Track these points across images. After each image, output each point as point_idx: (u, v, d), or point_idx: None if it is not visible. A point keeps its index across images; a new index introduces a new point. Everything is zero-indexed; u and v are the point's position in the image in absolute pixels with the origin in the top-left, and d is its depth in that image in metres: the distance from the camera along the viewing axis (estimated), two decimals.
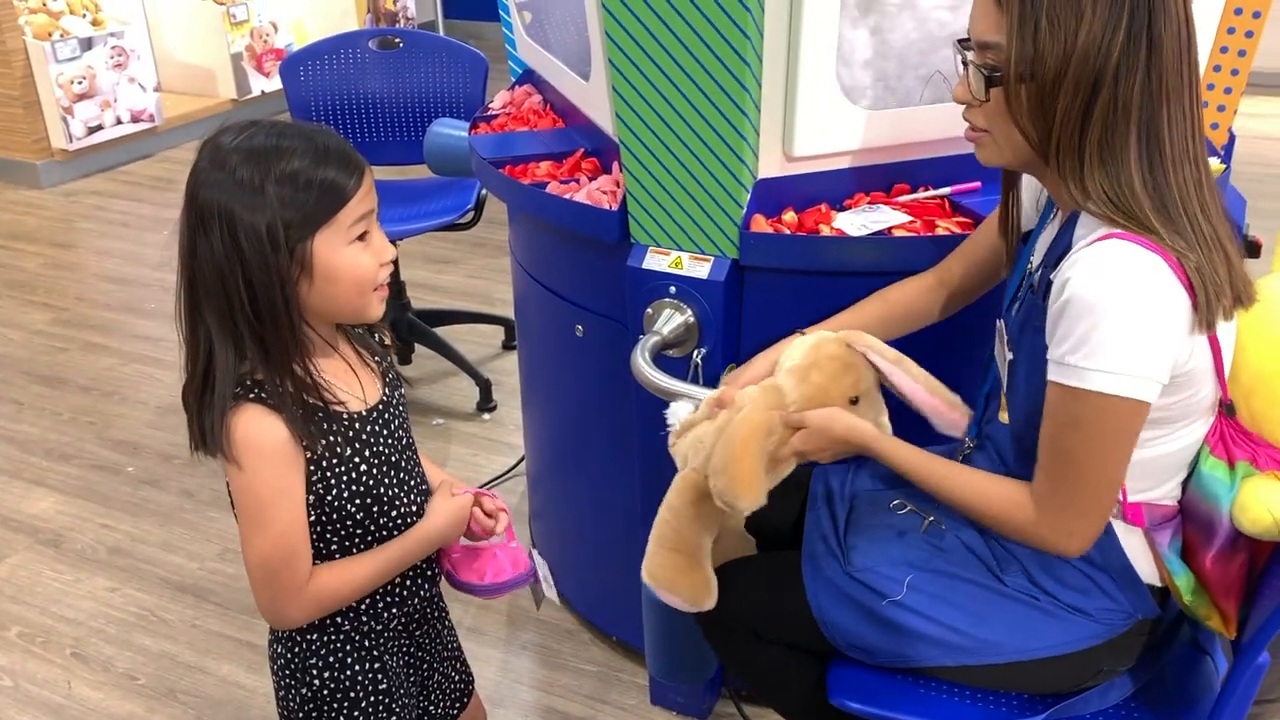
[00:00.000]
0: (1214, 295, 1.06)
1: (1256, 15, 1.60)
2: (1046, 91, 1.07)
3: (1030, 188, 1.31)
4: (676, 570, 1.33)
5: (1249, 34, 1.62)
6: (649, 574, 1.35)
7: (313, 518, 1.13)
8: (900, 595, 1.26)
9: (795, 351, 1.33)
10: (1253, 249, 1.70)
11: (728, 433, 1.26)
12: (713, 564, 1.37)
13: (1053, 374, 1.09)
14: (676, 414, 1.38)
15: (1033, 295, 1.18)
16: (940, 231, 1.48)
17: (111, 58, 4.49)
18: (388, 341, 1.26)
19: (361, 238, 1.08)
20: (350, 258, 1.07)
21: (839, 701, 1.30)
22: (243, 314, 1.04)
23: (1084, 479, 1.11)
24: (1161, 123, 1.07)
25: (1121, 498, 1.18)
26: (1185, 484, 1.20)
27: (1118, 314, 1.04)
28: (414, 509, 1.22)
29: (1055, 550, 1.17)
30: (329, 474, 1.12)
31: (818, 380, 1.29)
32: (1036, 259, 1.23)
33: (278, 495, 1.08)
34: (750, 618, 1.37)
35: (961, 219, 1.51)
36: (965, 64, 1.15)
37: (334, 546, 1.16)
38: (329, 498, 1.13)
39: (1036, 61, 1.07)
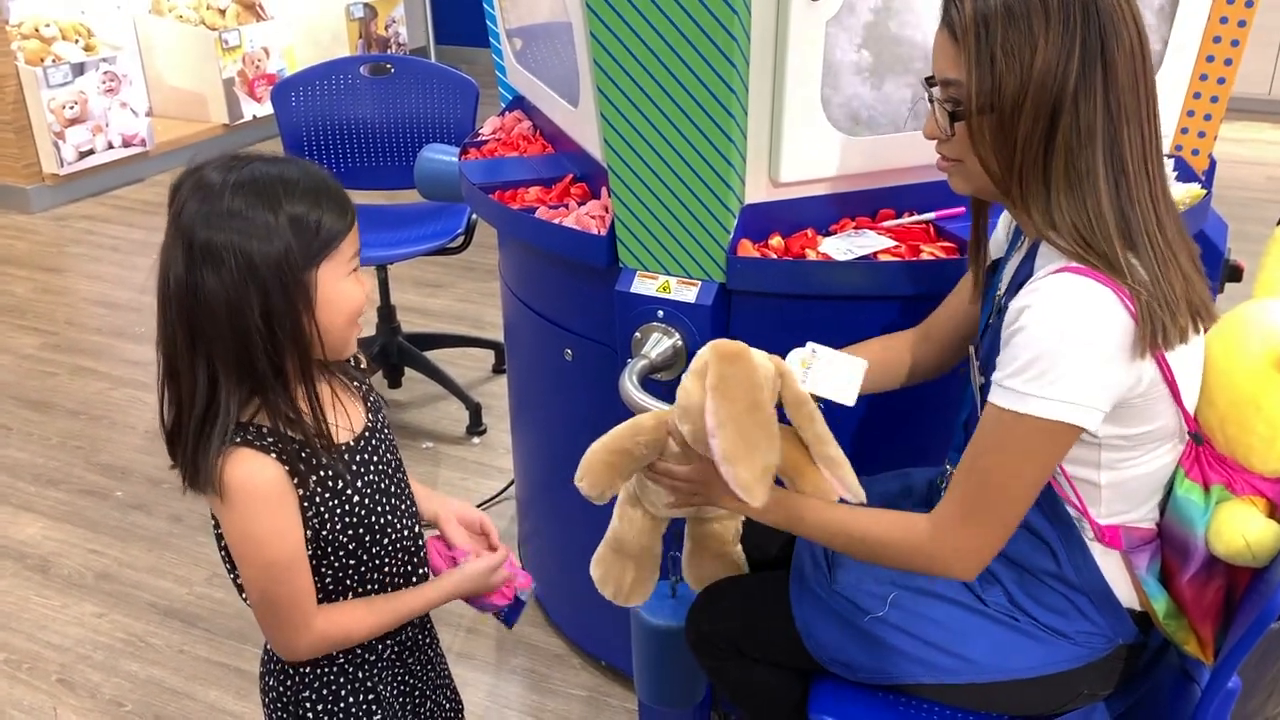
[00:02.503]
0: (1168, 318, 1.07)
1: (1235, 44, 1.63)
2: (1006, 121, 1.09)
3: (1005, 216, 1.32)
4: (602, 558, 1.42)
5: (1228, 61, 1.65)
6: (592, 561, 1.43)
7: (308, 552, 1.13)
8: (882, 612, 1.27)
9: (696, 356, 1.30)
10: (1234, 273, 1.72)
11: (603, 436, 1.32)
12: (699, 586, 1.42)
13: (992, 396, 1.10)
14: None
15: (999, 321, 1.20)
16: (925, 256, 1.49)
17: (103, 83, 4.50)
18: (365, 365, 1.26)
19: (354, 271, 1.11)
20: (348, 288, 1.10)
21: (819, 717, 1.31)
22: (262, 345, 1.04)
23: (988, 498, 1.11)
24: (1123, 143, 1.08)
25: (1094, 519, 1.19)
26: (1164, 507, 1.21)
27: (1062, 344, 1.05)
28: (405, 533, 1.22)
29: (943, 571, 1.16)
30: (323, 509, 1.12)
31: (688, 385, 1.25)
32: (1003, 287, 1.25)
33: (274, 535, 1.08)
34: (736, 635, 1.38)
35: (946, 244, 1.53)
36: (931, 100, 1.17)
37: (327, 578, 1.16)
38: (324, 532, 1.13)
39: (994, 93, 1.08)
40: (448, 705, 1.38)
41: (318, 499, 1.11)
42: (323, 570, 1.15)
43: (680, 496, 1.31)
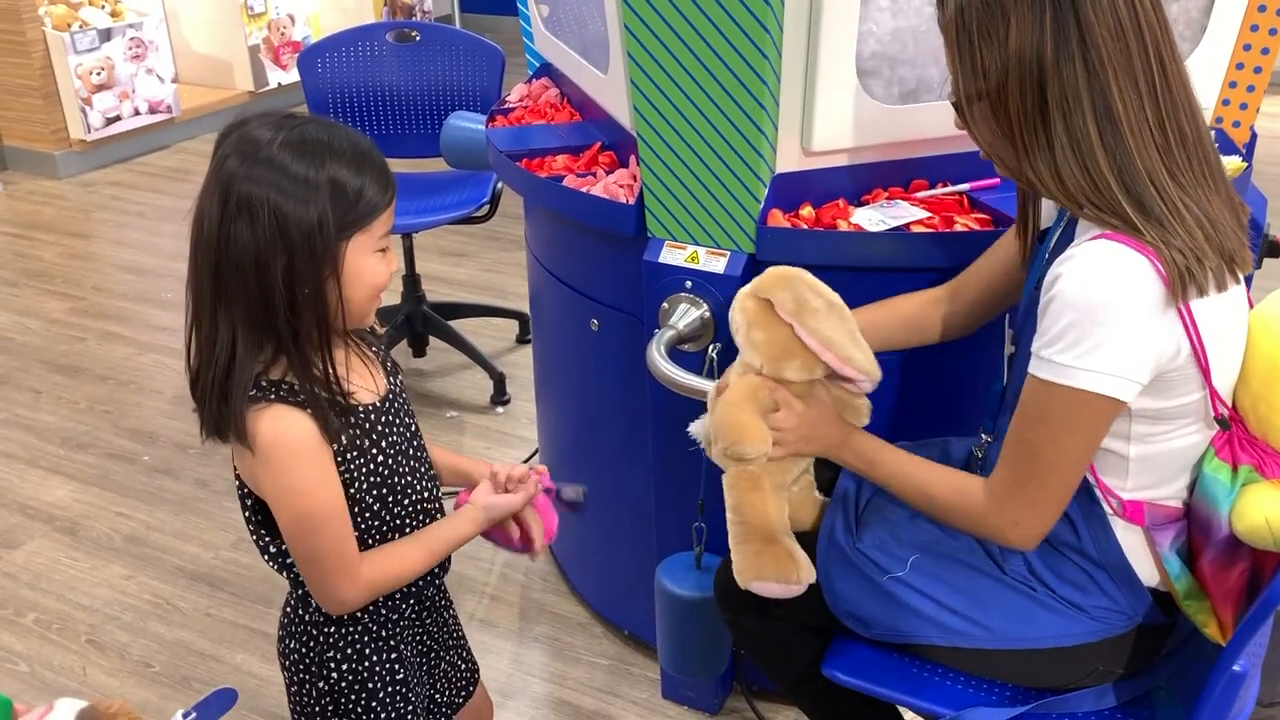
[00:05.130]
0: (1194, 263, 1.05)
1: None
2: (996, 102, 1.11)
3: None
4: (756, 558, 1.31)
5: (1273, 31, 1.61)
6: (740, 578, 1.31)
7: None
8: (902, 572, 1.28)
9: (742, 308, 1.32)
10: (1274, 249, 1.69)
11: (719, 406, 1.30)
12: (795, 533, 1.36)
13: (1032, 367, 1.11)
14: (698, 431, 1.38)
15: (1035, 291, 1.19)
16: (959, 228, 1.47)
17: (130, 49, 4.51)
18: (379, 331, 1.28)
19: (383, 250, 1.12)
20: (373, 264, 1.11)
21: (830, 672, 1.32)
22: (283, 304, 1.05)
23: (1040, 471, 1.13)
24: (1112, 97, 1.07)
25: (1119, 493, 1.18)
26: (1194, 486, 1.20)
27: (1098, 313, 1.05)
28: (425, 495, 1.23)
29: (1001, 540, 1.19)
30: (351, 466, 1.13)
31: (759, 336, 1.28)
32: (1048, 256, 1.23)
33: (316, 487, 1.09)
34: None
35: (980, 215, 1.51)
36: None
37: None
38: (351, 490, 1.14)
39: (981, 78, 1.11)
40: (463, 666, 1.39)
41: (348, 457, 1.13)
42: None
43: (800, 445, 1.30)
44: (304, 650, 1.22)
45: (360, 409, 1.14)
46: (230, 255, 1.04)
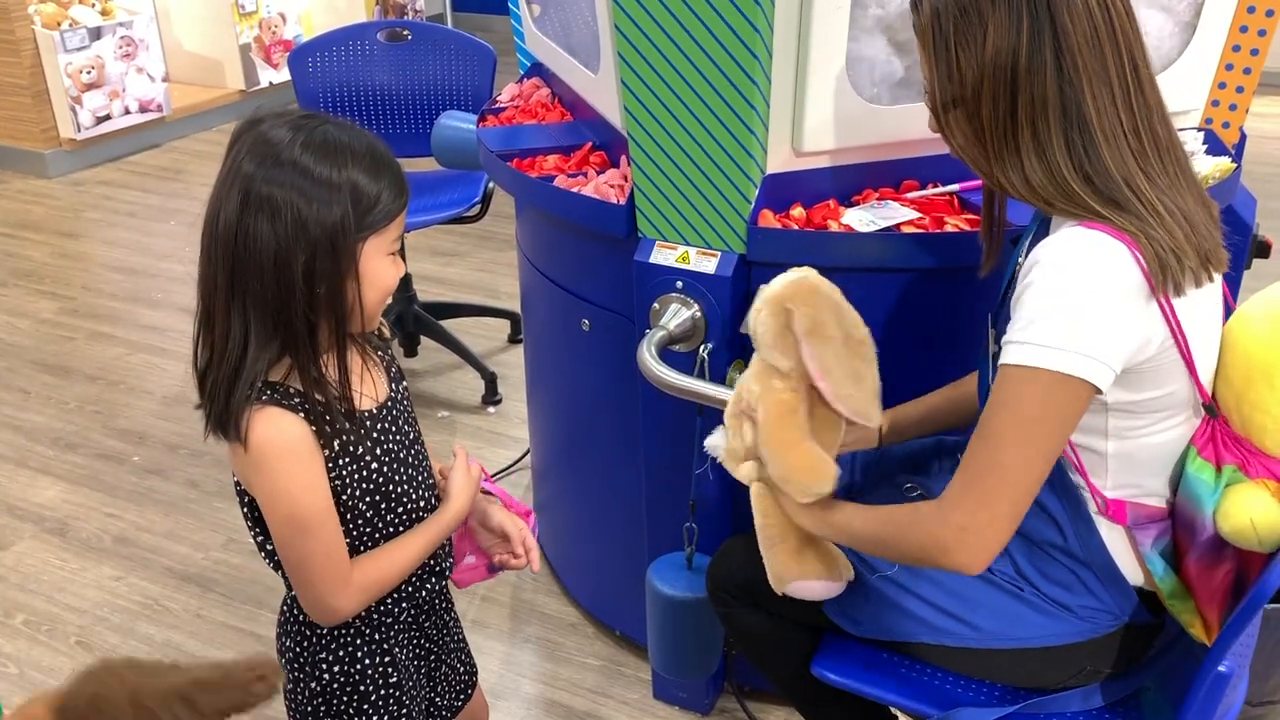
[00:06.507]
0: (1174, 261, 1.06)
1: (1270, 14, 1.59)
2: (971, 110, 1.11)
3: None
4: (796, 556, 1.28)
5: (1261, 32, 1.61)
6: (778, 581, 1.29)
7: None
8: (891, 571, 1.29)
9: (762, 319, 1.25)
10: (1263, 249, 1.69)
11: (763, 441, 1.22)
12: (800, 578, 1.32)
13: (1003, 355, 1.08)
14: (717, 446, 1.32)
15: (1012, 287, 1.19)
16: (949, 228, 1.48)
17: (120, 48, 4.49)
18: (386, 335, 1.28)
19: (393, 253, 1.12)
20: (386, 267, 1.11)
21: (819, 671, 1.32)
22: (301, 301, 1.05)
23: (998, 463, 1.06)
24: (1085, 104, 1.08)
25: (1101, 490, 1.18)
26: (1177, 486, 1.20)
27: (1066, 294, 1.05)
28: (421, 504, 1.22)
29: (945, 555, 1.08)
30: (344, 472, 1.13)
31: (788, 341, 1.22)
32: (1024, 257, 1.24)
33: (306, 492, 1.09)
34: (752, 584, 1.37)
35: (970, 216, 1.51)
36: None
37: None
38: (344, 496, 1.13)
39: (958, 85, 1.11)
40: (462, 669, 1.38)
41: (340, 462, 1.12)
42: None
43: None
44: (298, 650, 1.22)
45: (358, 414, 1.14)
46: (249, 252, 1.04)
